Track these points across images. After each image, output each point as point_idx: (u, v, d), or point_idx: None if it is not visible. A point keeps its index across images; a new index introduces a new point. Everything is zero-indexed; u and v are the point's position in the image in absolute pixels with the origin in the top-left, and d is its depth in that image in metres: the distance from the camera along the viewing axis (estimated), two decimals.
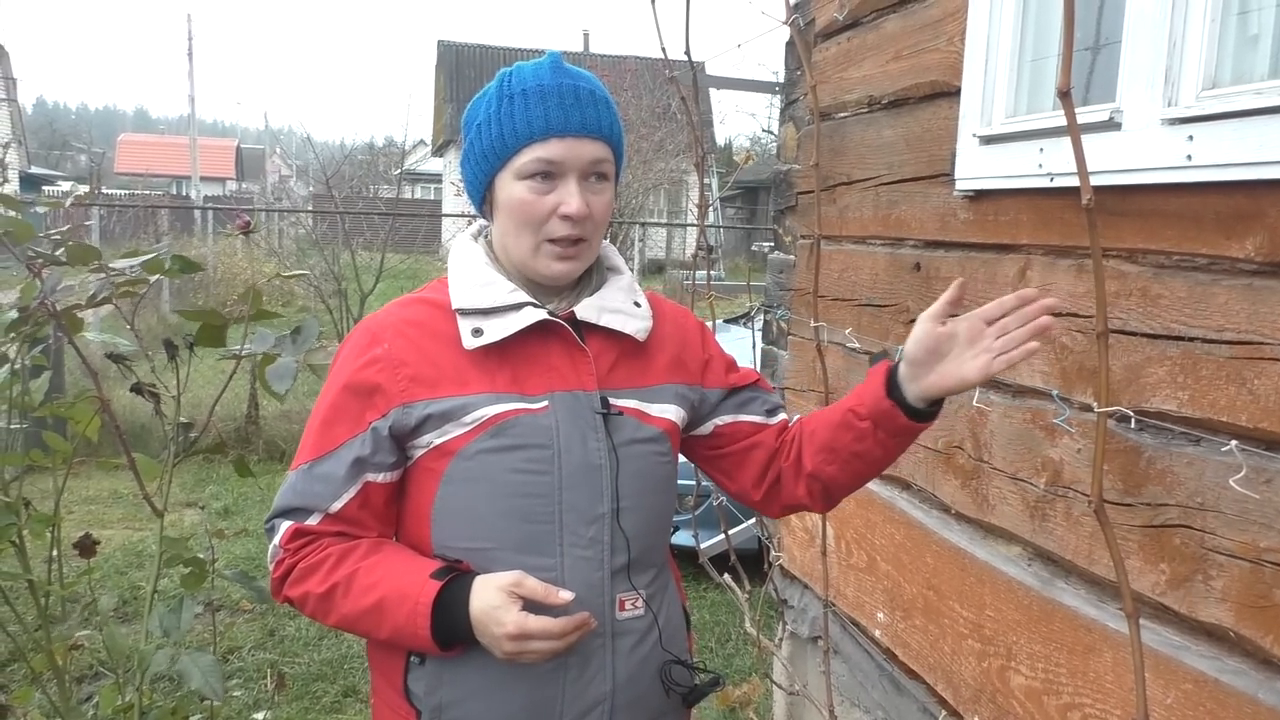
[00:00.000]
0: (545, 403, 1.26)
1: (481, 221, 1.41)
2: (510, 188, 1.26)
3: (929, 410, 1.28)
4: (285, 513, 1.29)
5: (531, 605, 1.17)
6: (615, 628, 1.30)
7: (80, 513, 5.40)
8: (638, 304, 1.37)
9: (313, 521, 1.27)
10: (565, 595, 1.19)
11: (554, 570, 1.24)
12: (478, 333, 1.26)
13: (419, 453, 1.27)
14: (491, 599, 1.18)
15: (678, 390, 1.39)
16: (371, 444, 1.26)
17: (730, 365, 1.48)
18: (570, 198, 1.24)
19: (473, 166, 1.31)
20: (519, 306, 1.27)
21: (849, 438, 1.32)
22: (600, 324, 1.32)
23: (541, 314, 1.27)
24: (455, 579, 1.22)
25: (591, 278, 1.37)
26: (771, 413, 1.47)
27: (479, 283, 1.29)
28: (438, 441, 1.25)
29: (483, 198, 1.33)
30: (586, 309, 1.32)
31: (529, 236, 1.27)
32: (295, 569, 1.27)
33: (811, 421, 1.40)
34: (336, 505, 1.27)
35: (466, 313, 1.27)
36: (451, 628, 1.20)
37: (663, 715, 1.36)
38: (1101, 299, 1.12)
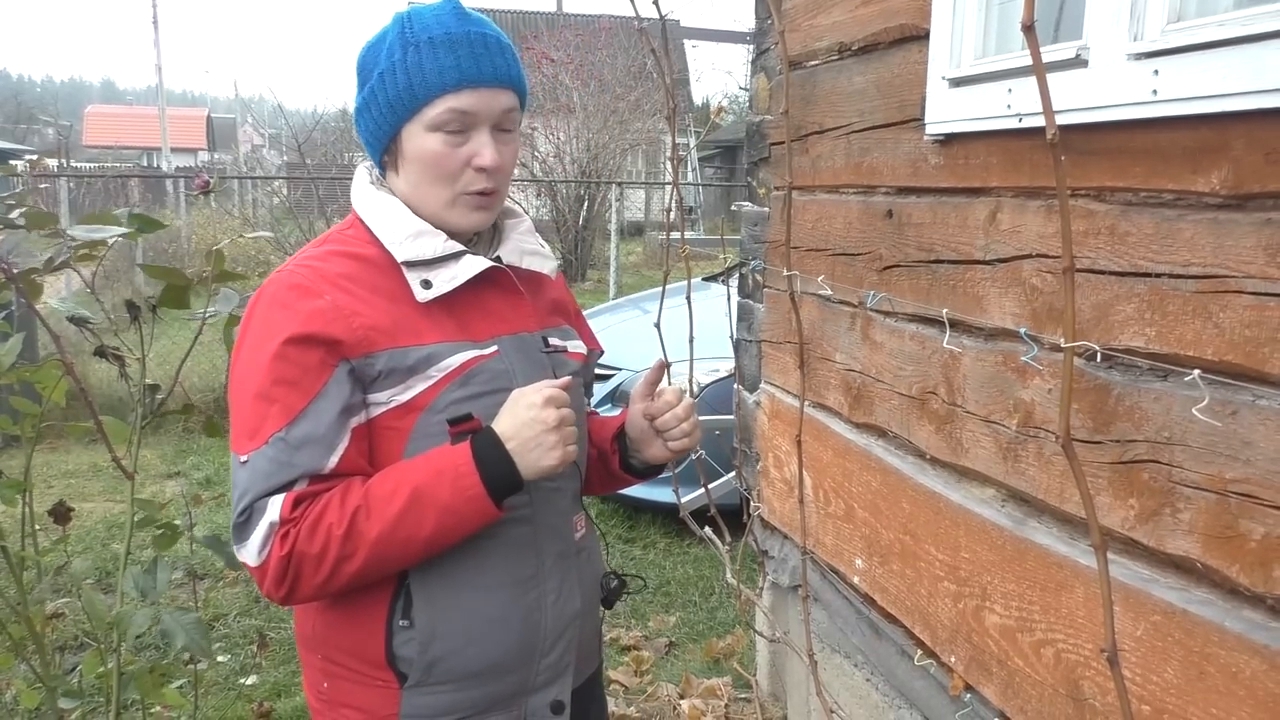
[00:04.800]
0: (494, 347, 1.26)
1: (369, 165, 1.34)
2: (421, 140, 1.21)
3: (644, 469, 1.48)
4: (269, 492, 1.13)
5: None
6: (576, 547, 1.36)
7: (60, 486, 5.38)
8: (543, 245, 1.41)
9: (307, 486, 1.15)
10: (565, 380, 1.23)
11: (528, 507, 1.27)
12: (427, 284, 1.22)
13: (377, 411, 1.20)
14: (520, 412, 1.17)
15: (575, 330, 1.46)
16: (349, 385, 1.16)
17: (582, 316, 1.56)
18: (484, 149, 1.22)
19: (375, 117, 1.24)
20: (457, 256, 1.25)
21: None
22: (522, 266, 1.34)
23: (485, 262, 1.26)
24: (474, 434, 1.18)
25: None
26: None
27: (410, 233, 1.24)
28: (401, 398, 1.20)
29: (384, 149, 1.26)
30: (510, 253, 1.33)
31: (444, 189, 1.24)
32: (300, 532, 1.12)
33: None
34: (333, 460, 1.15)
35: (413, 265, 1.23)
36: (501, 474, 1.16)
37: (598, 624, 1.46)
38: (1067, 234, 1.12)
